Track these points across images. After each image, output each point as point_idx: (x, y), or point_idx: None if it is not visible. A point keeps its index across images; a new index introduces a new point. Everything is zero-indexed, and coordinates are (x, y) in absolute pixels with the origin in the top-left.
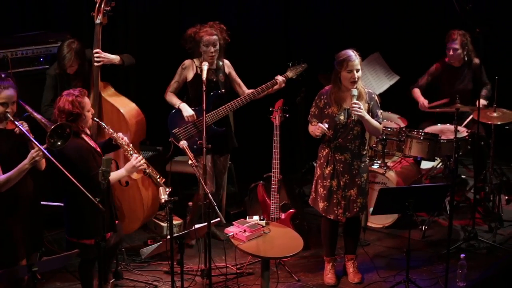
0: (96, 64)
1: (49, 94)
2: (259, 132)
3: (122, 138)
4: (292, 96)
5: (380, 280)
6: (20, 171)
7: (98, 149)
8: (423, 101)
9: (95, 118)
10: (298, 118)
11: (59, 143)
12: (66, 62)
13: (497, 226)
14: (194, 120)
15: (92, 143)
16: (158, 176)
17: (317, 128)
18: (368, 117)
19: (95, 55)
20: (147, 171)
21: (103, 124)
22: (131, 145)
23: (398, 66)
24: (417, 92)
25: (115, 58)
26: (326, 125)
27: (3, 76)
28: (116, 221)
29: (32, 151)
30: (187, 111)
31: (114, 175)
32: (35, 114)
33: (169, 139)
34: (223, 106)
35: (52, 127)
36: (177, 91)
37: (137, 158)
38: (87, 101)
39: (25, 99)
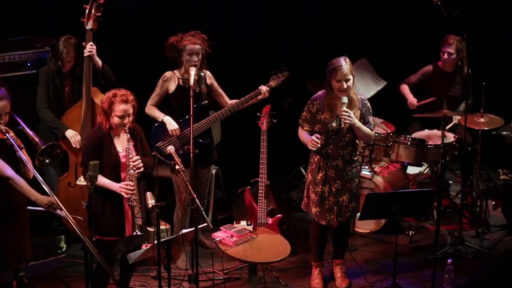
0: (87, 53)
1: (42, 91)
2: (246, 137)
3: (134, 161)
4: (279, 102)
5: (367, 285)
6: (28, 193)
7: (123, 153)
8: (412, 99)
9: (127, 130)
10: (286, 124)
11: (47, 161)
12: (64, 57)
13: (484, 231)
14: (178, 134)
15: (124, 144)
16: (138, 215)
17: (310, 142)
18: (359, 124)
19: (89, 43)
20: (129, 203)
21: (128, 136)
22: (136, 172)
23: (385, 72)
24: (406, 88)
25: (98, 60)
26: (319, 137)
27: None
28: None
29: (49, 198)
30: (171, 124)
31: (107, 183)
32: (27, 129)
33: (153, 153)
34: (207, 118)
35: (43, 147)
36: (158, 104)
37: (128, 185)
38: (121, 108)
39: (13, 104)
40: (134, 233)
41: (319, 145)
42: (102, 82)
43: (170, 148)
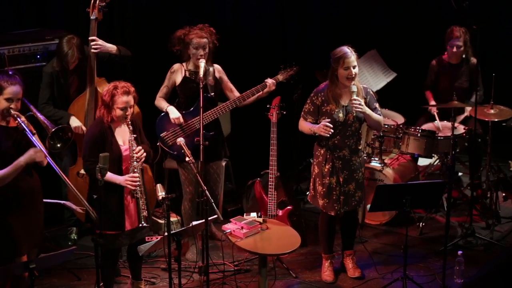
0: (93, 51)
1: (46, 92)
2: (256, 129)
3: (137, 152)
4: (289, 93)
5: (378, 277)
6: (15, 168)
7: (124, 145)
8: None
9: (129, 122)
10: (295, 115)
11: (58, 145)
12: (69, 58)
13: (494, 223)
14: (180, 123)
15: (125, 136)
16: (143, 207)
17: (323, 128)
18: (369, 111)
19: (92, 42)
20: (135, 195)
21: (131, 128)
22: (140, 163)
23: (395, 63)
24: (428, 94)
25: (111, 47)
26: (329, 120)
27: (10, 73)
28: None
29: (32, 150)
30: (173, 113)
31: (111, 177)
32: (38, 114)
33: (157, 144)
34: (211, 110)
35: (53, 130)
36: (167, 96)
37: (133, 177)
38: (123, 100)
39: (23, 94)
40: (140, 225)
41: (332, 131)
42: (120, 62)
43: (180, 140)
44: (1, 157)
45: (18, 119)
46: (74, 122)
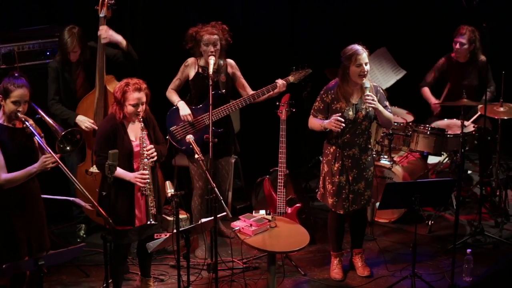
0: (104, 41)
1: (53, 88)
2: (266, 127)
3: (148, 150)
4: (298, 91)
5: (387, 274)
6: (28, 174)
7: (136, 141)
8: (434, 101)
9: (141, 119)
10: (305, 113)
11: (68, 147)
12: (68, 46)
13: (503, 221)
14: (191, 120)
15: (138, 132)
16: (152, 204)
17: (334, 123)
18: (381, 108)
19: (103, 32)
20: (144, 193)
21: (142, 125)
22: (150, 161)
23: (405, 61)
24: (427, 92)
25: (122, 40)
26: (340, 114)
27: (16, 75)
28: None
29: (44, 156)
30: (184, 109)
31: (121, 173)
32: (46, 117)
33: (166, 137)
34: (221, 107)
35: (63, 133)
36: (178, 89)
37: (142, 174)
38: (134, 97)
39: (32, 93)
40: (148, 222)
41: (344, 125)
42: (124, 62)
43: (190, 137)
44: (5, 158)
45: (26, 122)
46: (82, 120)
